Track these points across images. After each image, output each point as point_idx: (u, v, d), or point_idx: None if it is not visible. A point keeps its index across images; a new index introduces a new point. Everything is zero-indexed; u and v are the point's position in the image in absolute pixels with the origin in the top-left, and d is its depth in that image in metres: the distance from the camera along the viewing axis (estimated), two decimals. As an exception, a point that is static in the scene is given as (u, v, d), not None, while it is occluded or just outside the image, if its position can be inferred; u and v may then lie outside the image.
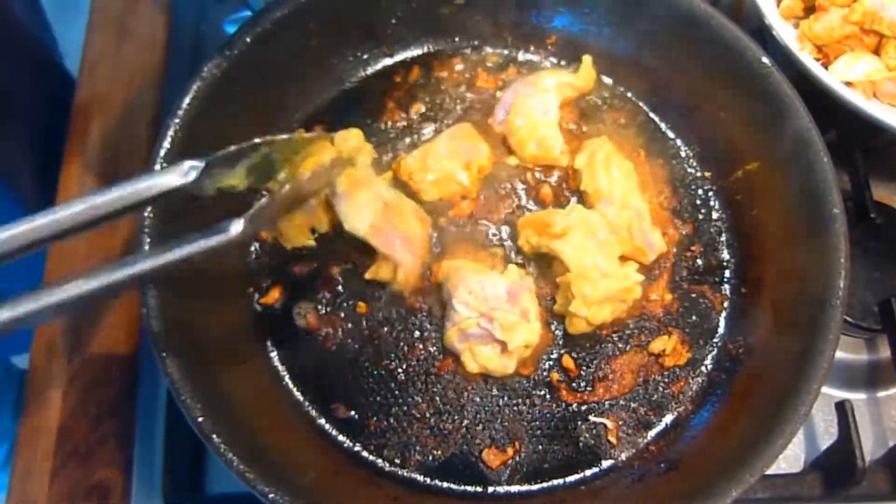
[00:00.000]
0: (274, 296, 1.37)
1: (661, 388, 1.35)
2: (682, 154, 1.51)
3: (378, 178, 1.38)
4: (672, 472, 1.26)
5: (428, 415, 1.31)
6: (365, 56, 1.53)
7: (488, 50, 1.56)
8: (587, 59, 1.52)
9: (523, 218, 1.40)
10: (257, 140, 1.13)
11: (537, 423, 1.32)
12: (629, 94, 1.55)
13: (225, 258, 1.36)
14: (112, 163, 1.60)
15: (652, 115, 1.54)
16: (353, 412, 1.31)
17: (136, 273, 1.02)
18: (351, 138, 1.34)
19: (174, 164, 1.06)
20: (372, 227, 1.33)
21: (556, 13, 1.52)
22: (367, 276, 1.37)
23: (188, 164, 1.06)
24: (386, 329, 1.35)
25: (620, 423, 1.32)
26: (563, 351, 1.36)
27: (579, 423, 1.32)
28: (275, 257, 1.39)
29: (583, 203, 1.43)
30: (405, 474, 1.28)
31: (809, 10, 1.54)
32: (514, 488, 1.29)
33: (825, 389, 1.42)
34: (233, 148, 1.11)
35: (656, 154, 1.51)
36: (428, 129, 1.48)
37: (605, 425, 1.32)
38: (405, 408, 1.31)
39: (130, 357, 1.46)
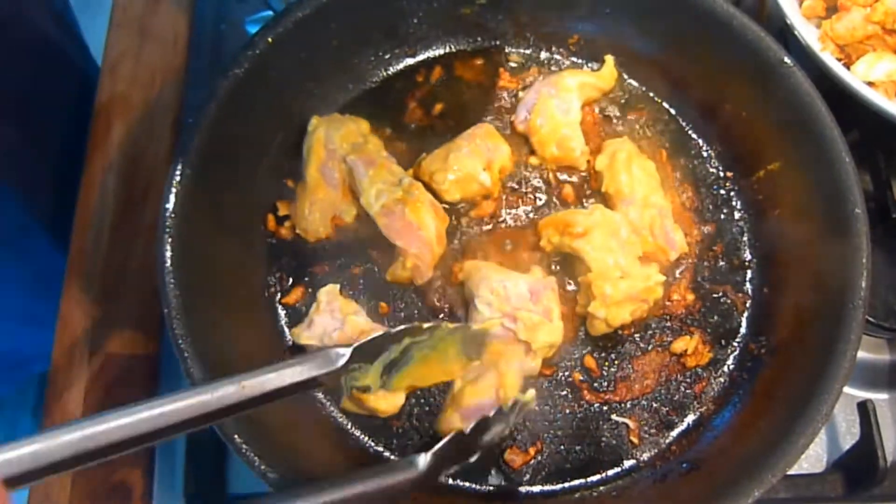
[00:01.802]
0: (295, 296, 1.37)
1: (682, 389, 1.35)
2: (704, 154, 1.51)
3: (399, 167, 1.40)
4: (694, 472, 1.26)
5: (450, 415, 1.31)
6: (386, 56, 1.53)
7: (510, 50, 1.56)
8: (610, 59, 1.52)
9: (545, 218, 1.40)
10: (402, 327, 1.12)
11: (559, 423, 1.32)
12: (651, 94, 1.55)
13: (247, 261, 1.37)
14: (133, 163, 1.60)
15: (674, 114, 1.54)
16: (375, 412, 1.31)
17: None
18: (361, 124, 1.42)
19: (317, 353, 1.04)
20: (384, 207, 1.34)
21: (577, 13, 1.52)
22: (388, 277, 1.38)
23: (334, 351, 1.04)
24: (408, 329, 1.35)
25: (642, 423, 1.33)
26: (585, 351, 1.36)
27: (601, 423, 1.32)
28: (296, 257, 1.40)
29: (605, 203, 1.42)
30: (427, 474, 1.28)
31: (831, 9, 1.54)
32: (536, 488, 1.29)
33: (847, 389, 1.43)
34: (377, 335, 1.10)
35: (678, 154, 1.51)
36: (449, 129, 1.48)
37: (626, 425, 1.32)
38: (427, 408, 1.31)
39: (152, 357, 1.46)
